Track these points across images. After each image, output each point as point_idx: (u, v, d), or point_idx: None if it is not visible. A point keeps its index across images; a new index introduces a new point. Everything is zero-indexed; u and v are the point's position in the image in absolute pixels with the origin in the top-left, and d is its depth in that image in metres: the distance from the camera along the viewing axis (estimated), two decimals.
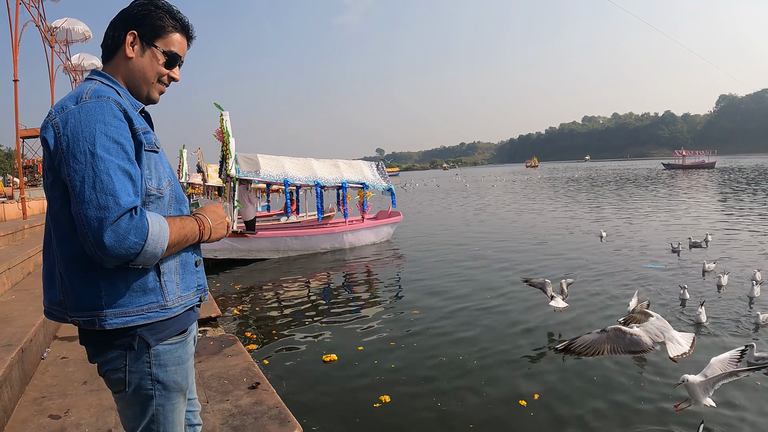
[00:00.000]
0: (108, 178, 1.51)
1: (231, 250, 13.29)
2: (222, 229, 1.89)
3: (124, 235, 1.49)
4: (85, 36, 24.45)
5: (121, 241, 1.49)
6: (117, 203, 1.49)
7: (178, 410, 1.86)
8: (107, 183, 1.50)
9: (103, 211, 1.48)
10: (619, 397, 4.95)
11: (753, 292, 7.89)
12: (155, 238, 1.57)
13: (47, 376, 4.55)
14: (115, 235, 1.48)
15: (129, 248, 1.51)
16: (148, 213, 1.58)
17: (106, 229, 1.47)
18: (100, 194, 1.49)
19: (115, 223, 1.48)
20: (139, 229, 1.52)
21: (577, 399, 5.00)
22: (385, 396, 5.12)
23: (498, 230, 17.66)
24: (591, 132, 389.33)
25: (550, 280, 7.50)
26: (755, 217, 17.78)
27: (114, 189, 1.51)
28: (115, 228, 1.48)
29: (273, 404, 3.95)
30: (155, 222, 1.59)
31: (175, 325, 1.79)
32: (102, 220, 1.48)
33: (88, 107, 1.59)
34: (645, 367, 5.60)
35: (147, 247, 1.55)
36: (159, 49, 1.82)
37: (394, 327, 7.41)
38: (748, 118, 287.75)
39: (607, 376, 5.46)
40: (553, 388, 5.25)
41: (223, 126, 12.66)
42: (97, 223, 1.48)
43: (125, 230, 1.49)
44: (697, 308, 6.92)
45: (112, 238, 1.48)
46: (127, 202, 1.52)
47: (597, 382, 5.35)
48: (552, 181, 56.30)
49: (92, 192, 1.49)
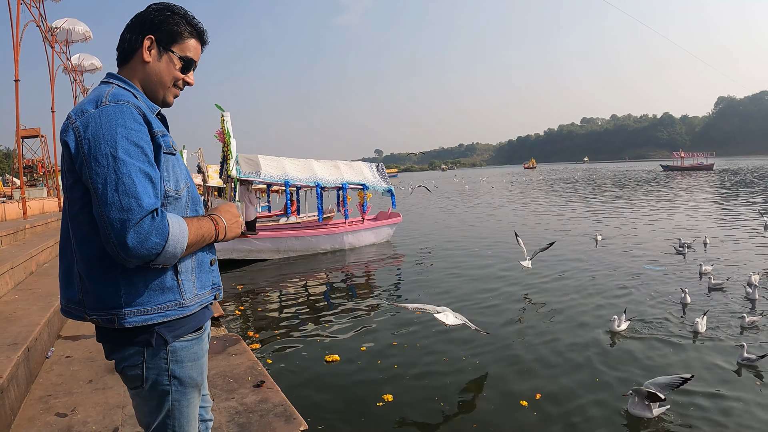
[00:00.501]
0: (130, 181, 1.55)
1: (232, 251, 13.31)
2: (237, 228, 1.93)
3: (146, 236, 1.53)
4: (85, 36, 24.41)
5: (144, 242, 1.53)
6: (140, 205, 1.53)
7: (193, 405, 1.89)
8: (129, 186, 1.54)
9: (126, 213, 1.52)
10: (622, 398, 4.95)
11: (753, 295, 7.88)
12: (175, 239, 1.61)
13: (52, 374, 4.58)
14: (137, 236, 1.52)
15: (151, 249, 1.55)
16: (168, 214, 1.63)
17: (129, 230, 1.51)
18: (123, 197, 1.53)
19: (138, 225, 1.52)
20: (160, 230, 1.56)
21: (579, 399, 5.01)
22: (388, 395, 5.14)
23: (495, 231, 17.69)
24: (590, 133, 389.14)
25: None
26: (750, 220, 17.81)
27: (136, 191, 1.54)
28: (137, 229, 1.52)
29: (278, 402, 3.99)
30: (175, 223, 1.63)
31: (191, 322, 1.82)
32: (125, 221, 1.51)
33: (108, 111, 1.62)
34: (650, 369, 5.60)
35: (168, 248, 1.59)
36: (176, 54, 1.85)
37: (396, 327, 7.44)
38: (746, 120, 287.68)
39: (609, 377, 5.48)
40: (555, 389, 5.27)
41: (224, 127, 12.70)
42: (120, 224, 1.52)
43: (147, 231, 1.54)
44: (697, 316, 6.87)
45: (134, 239, 1.52)
46: (149, 204, 1.56)
47: (600, 382, 5.38)
48: (551, 183, 56.26)
49: (115, 194, 1.53)
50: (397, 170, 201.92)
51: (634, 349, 6.22)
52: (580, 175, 76.61)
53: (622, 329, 6.70)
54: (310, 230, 15.31)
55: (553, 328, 7.15)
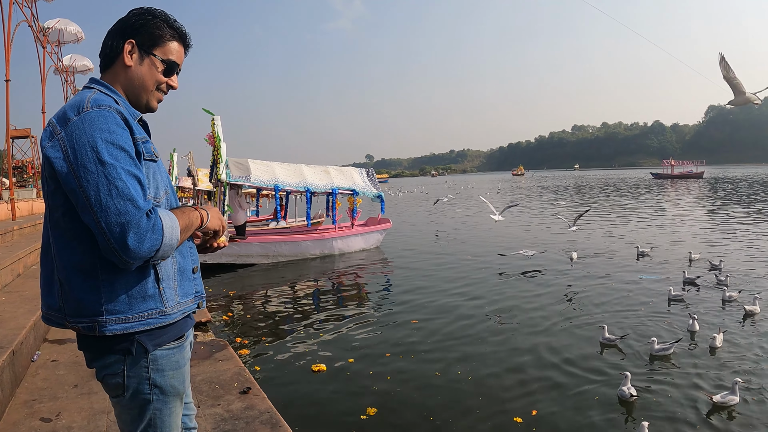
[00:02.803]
0: (123, 184, 1.56)
1: (221, 255, 13.27)
2: (216, 221, 1.94)
3: (145, 236, 1.55)
4: (77, 37, 24.35)
5: (143, 242, 1.55)
6: (135, 206, 1.55)
7: (175, 414, 1.89)
8: (123, 189, 1.55)
9: (123, 216, 1.53)
10: (617, 415, 4.93)
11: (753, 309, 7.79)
12: (169, 231, 1.63)
13: (38, 378, 4.56)
14: (137, 237, 1.53)
15: (151, 247, 1.57)
16: (157, 209, 1.64)
17: (129, 232, 1.52)
18: (118, 200, 1.54)
19: (137, 226, 1.54)
20: (156, 226, 1.58)
21: (575, 416, 4.94)
22: (372, 408, 5.08)
23: (482, 240, 17.72)
24: (580, 141, 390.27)
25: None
26: (738, 229, 17.95)
27: (130, 193, 1.56)
28: (136, 230, 1.53)
29: (264, 409, 3.98)
30: (165, 215, 1.64)
31: (173, 330, 1.82)
32: (123, 224, 1.52)
33: (90, 117, 1.62)
34: (645, 386, 5.53)
35: (165, 240, 1.61)
36: (157, 58, 1.85)
37: (385, 337, 7.42)
38: (737, 129, 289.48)
39: (606, 394, 5.38)
40: (553, 405, 5.16)
41: (215, 130, 12.70)
42: (119, 228, 1.52)
43: (145, 230, 1.55)
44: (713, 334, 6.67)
45: (135, 241, 1.53)
46: (143, 204, 1.57)
47: (598, 401, 5.26)
48: (539, 189, 56.38)
49: (109, 199, 1.53)
50: (388, 176, 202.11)
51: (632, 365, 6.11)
52: (568, 182, 76.67)
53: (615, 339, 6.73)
54: (300, 235, 15.34)
55: (551, 340, 7.03)
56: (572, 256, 12.51)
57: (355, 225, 16.45)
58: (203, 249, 2.04)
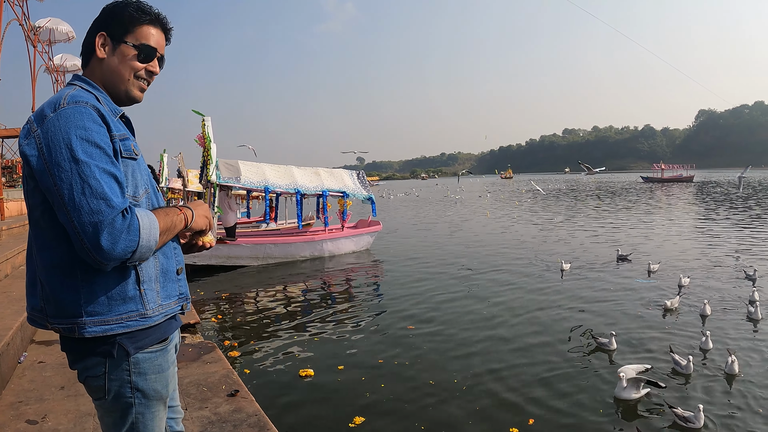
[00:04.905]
0: (96, 182, 1.52)
1: (210, 257, 13.25)
2: (202, 219, 1.91)
3: (119, 236, 1.51)
4: (68, 36, 24.27)
5: (117, 242, 1.51)
6: (109, 206, 1.51)
7: (158, 418, 1.86)
8: (96, 187, 1.52)
9: (96, 215, 1.49)
10: (617, 426, 4.88)
11: (756, 315, 7.76)
12: (147, 232, 1.59)
13: (24, 380, 4.54)
14: (111, 237, 1.50)
15: (126, 247, 1.53)
16: (135, 209, 1.60)
17: (102, 232, 1.49)
18: (91, 199, 1.50)
19: (110, 226, 1.50)
20: (132, 226, 1.54)
21: (574, 425, 4.86)
22: (359, 417, 5.01)
23: (475, 242, 17.78)
24: (571, 144, 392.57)
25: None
26: (727, 233, 18.07)
27: (104, 192, 1.52)
28: (110, 230, 1.50)
29: (252, 412, 3.98)
30: (143, 215, 1.61)
31: (155, 333, 1.79)
32: (96, 224, 1.49)
33: (66, 113, 1.59)
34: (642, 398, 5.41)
35: (142, 242, 1.57)
36: (129, 44, 1.81)
37: (374, 342, 7.37)
38: (726, 133, 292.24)
39: (607, 403, 5.28)
40: (550, 415, 5.06)
41: (205, 132, 12.66)
42: (92, 227, 1.49)
43: (119, 231, 1.51)
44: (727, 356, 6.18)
45: (108, 241, 1.49)
46: (119, 203, 1.54)
47: (603, 412, 5.12)
48: (527, 193, 56.48)
49: (82, 198, 1.50)
50: (379, 178, 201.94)
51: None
52: (559, 186, 76.70)
53: (613, 348, 6.64)
54: (290, 237, 15.31)
55: (548, 349, 6.91)
56: (563, 267, 12.02)
57: (345, 227, 16.43)
58: (189, 248, 2.01)
